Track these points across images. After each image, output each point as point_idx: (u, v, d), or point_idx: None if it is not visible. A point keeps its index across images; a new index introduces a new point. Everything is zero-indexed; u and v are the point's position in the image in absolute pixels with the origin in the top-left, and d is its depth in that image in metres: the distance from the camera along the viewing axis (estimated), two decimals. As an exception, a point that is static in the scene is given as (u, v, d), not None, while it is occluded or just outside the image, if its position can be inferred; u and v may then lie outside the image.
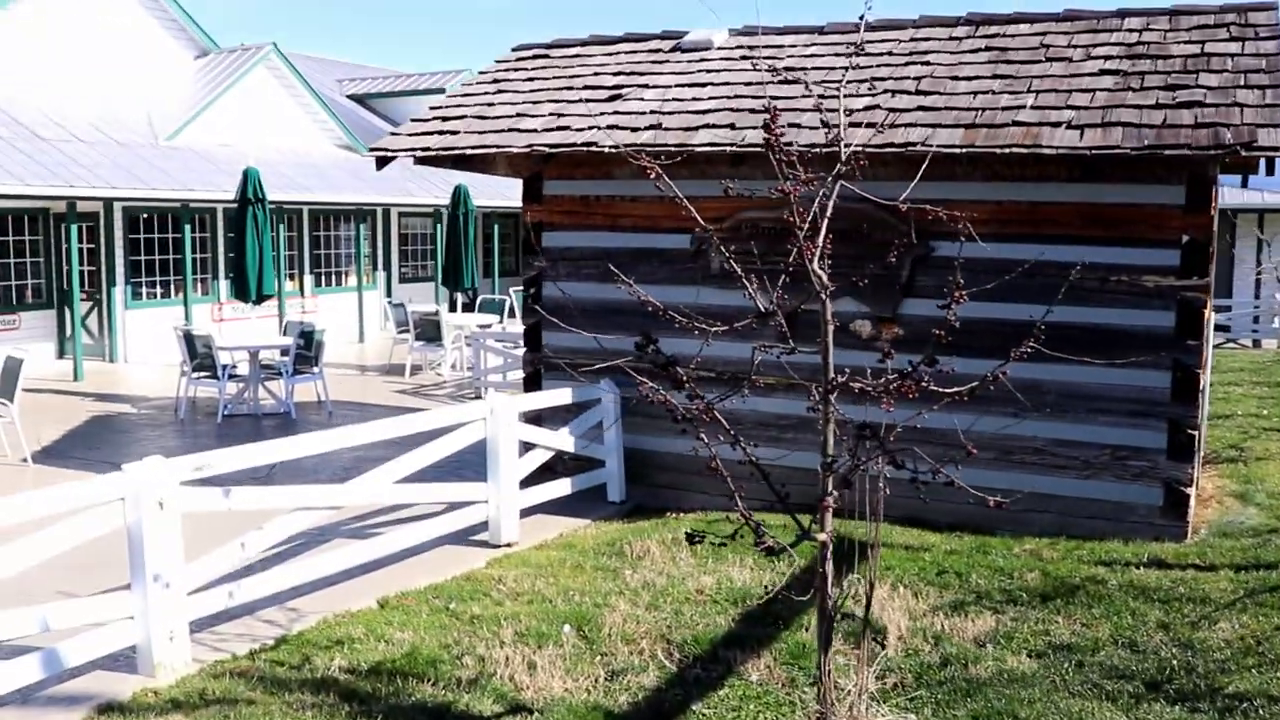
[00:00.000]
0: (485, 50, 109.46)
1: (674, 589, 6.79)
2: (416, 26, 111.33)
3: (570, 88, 9.96)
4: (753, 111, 8.69)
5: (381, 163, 9.66)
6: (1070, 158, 7.34)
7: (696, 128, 8.64)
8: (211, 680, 5.32)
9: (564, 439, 8.63)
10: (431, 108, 10.29)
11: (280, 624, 6.14)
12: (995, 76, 8.44)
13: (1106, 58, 8.34)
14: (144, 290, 18.28)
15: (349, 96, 25.90)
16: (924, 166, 5.36)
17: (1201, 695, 5.17)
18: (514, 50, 11.28)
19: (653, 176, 4.65)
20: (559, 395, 8.74)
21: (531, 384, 9.87)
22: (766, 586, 6.49)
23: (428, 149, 9.40)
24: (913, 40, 9.43)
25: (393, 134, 9.87)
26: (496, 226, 25.12)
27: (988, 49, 8.96)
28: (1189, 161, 7.21)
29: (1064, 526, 7.97)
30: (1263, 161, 7.51)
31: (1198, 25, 8.57)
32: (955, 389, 4.15)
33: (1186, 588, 6.74)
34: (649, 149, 8.61)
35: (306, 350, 13.91)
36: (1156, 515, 7.83)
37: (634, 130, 8.81)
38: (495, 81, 10.52)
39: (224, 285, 19.36)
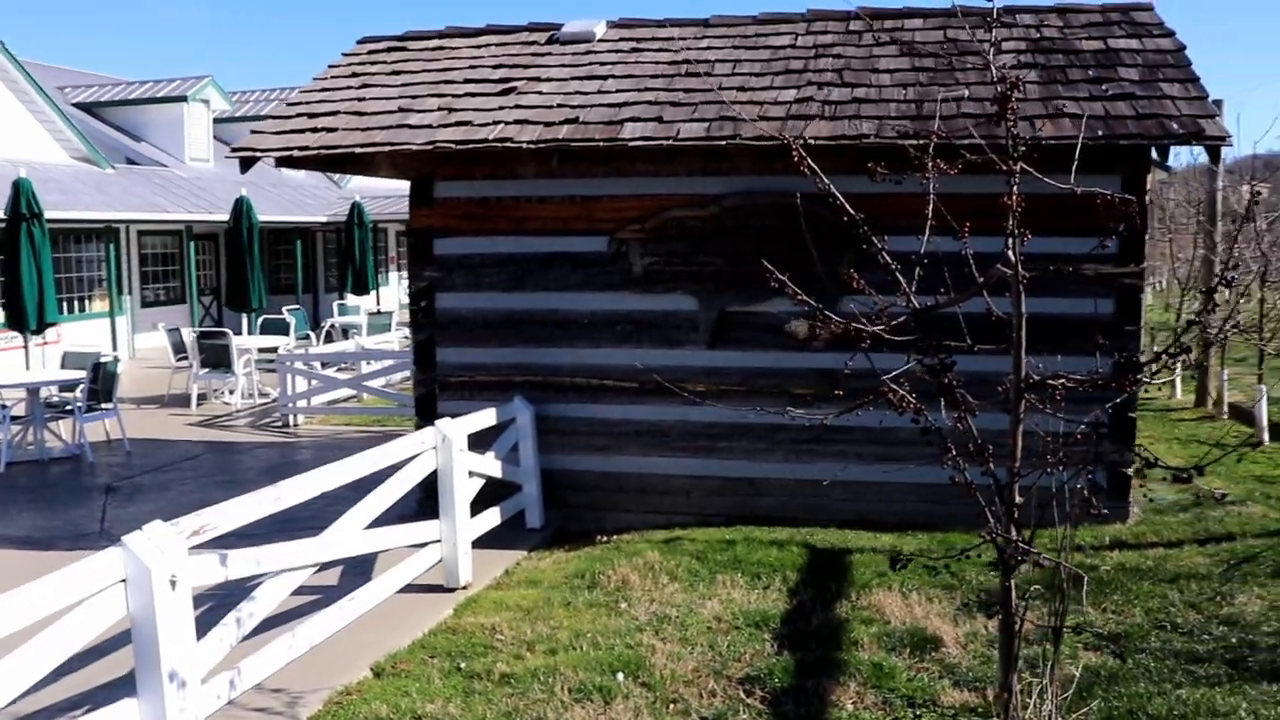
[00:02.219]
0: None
1: (689, 619, 6.20)
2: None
3: (449, 81, 9.09)
4: (674, 105, 8.21)
5: (246, 164, 8.41)
6: (1030, 149, 7.33)
7: (620, 121, 8.05)
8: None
9: (494, 464, 7.80)
10: (289, 104, 9.09)
11: (279, 711, 5.04)
12: (915, 69, 8.39)
13: (1017, 52, 8.46)
14: None
15: (76, 105, 23.05)
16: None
17: (1288, 670, 5.19)
18: (361, 43, 10.23)
19: (796, 160, 4.09)
20: (485, 416, 7.88)
21: (425, 406, 8.92)
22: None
23: (305, 148, 8.26)
24: (810, 34, 9.25)
25: (254, 132, 8.62)
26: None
27: (894, 42, 8.91)
28: (1138, 152, 7.40)
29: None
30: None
31: (1088, 23, 8.88)
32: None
33: (1173, 565, 6.87)
34: (573, 145, 7.97)
35: (94, 384, 12.10)
36: (1101, 498, 7.98)
37: (548, 125, 8.10)
38: (354, 75, 9.46)
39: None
